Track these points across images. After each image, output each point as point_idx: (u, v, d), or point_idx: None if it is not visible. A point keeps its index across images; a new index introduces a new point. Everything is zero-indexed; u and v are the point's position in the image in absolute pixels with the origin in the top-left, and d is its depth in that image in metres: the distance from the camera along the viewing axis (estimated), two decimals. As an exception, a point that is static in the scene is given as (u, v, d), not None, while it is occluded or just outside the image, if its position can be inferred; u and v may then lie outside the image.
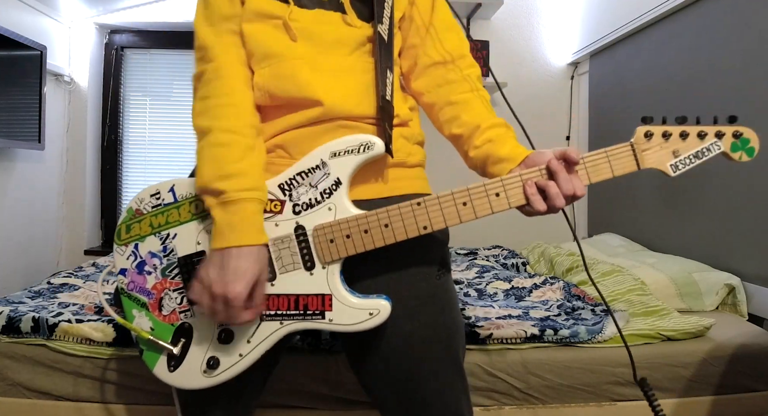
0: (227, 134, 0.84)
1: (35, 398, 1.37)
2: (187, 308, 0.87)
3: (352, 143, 0.84)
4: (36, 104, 2.40)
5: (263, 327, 0.85)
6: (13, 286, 2.31)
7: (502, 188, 0.84)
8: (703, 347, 1.44)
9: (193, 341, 0.87)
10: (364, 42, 0.92)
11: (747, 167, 1.74)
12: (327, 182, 0.85)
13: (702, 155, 0.85)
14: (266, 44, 0.89)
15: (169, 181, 0.90)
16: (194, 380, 0.86)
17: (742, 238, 1.75)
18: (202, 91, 0.88)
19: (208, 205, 0.83)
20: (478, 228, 2.96)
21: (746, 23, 1.74)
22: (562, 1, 3.01)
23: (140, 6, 2.85)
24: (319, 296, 0.84)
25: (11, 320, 1.40)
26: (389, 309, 0.84)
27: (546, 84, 3.03)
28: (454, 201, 0.83)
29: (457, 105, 0.96)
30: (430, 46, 0.98)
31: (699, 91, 1.98)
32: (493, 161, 0.90)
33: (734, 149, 0.86)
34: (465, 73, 0.98)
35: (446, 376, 0.92)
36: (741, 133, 0.85)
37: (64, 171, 2.84)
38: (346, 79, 0.90)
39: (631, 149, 0.85)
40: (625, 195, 2.51)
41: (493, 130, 0.93)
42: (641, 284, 1.74)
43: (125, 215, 0.90)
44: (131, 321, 0.89)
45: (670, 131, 0.84)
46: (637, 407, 1.40)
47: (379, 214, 0.83)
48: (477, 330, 1.42)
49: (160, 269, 0.89)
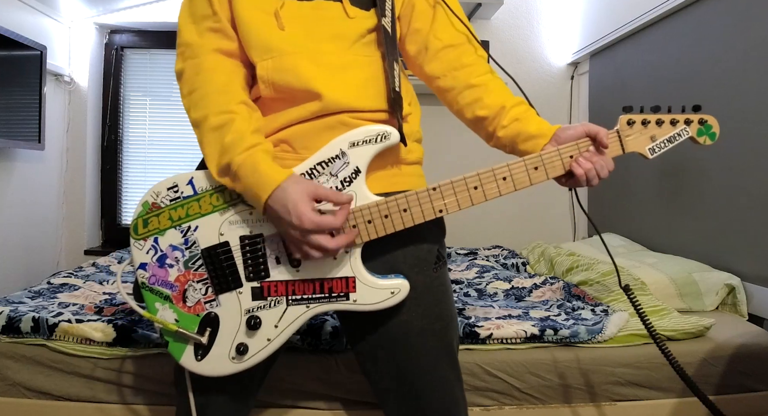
0: (221, 115, 0.86)
1: (35, 398, 1.37)
2: (213, 297, 0.90)
3: (370, 133, 0.88)
4: (36, 104, 2.40)
5: (290, 312, 0.89)
6: (13, 286, 2.31)
7: (542, 163, 0.91)
8: (703, 347, 1.44)
9: (221, 329, 0.90)
10: (363, 34, 0.93)
11: (747, 167, 1.74)
12: (347, 170, 0.88)
13: (674, 139, 0.97)
14: (264, 37, 0.90)
15: (187, 173, 0.91)
16: (223, 367, 0.89)
17: (742, 238, 1.75)
18: (186, 87, 0.91)
19: (228, 185, 0.86)
20: (478, 228, 2.97)
21: (746, 23, 1.74)
22: (562, 1, 3.01)
23: (140, 6, 2.85)
24: (344, 279, 0.89)
25: (11, 320, 1.40)
26: (408, 287, 0.89)
27: (546, 84, 3.03)
28: (467, 185, 0.89)
29: (479, 87, 0.99)
30: (440, 29, 1.00)
31: (699, 91, 1.98)
32: (524, 137, 0.95)
33: (699, 134, 0.98)
34: (477, 56, 1.01)
35: (441, 365, 0.95)
36: (705, 120, 0.98)
37: (64, 171, 2.84)
38: (346, 72, 0.91)
39: (617, 135, 0.94)
40: (625, 195, 2.51)
41: (517, 108, 0.97)
42: (641, 284, 1.74)
43: (140, 210, 0.91)
44: (155, 314, 0.91)
45: (649, 119, 0.95)
46: (637, 407, 1.40)
47: (398, 199, 0.88)
48: (477, 330, 1.42)
49: (183, 261, 0.90)
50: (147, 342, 1.37)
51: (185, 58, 0.91)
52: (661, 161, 2.18)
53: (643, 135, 0.95)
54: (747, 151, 1.74)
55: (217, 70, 0.90)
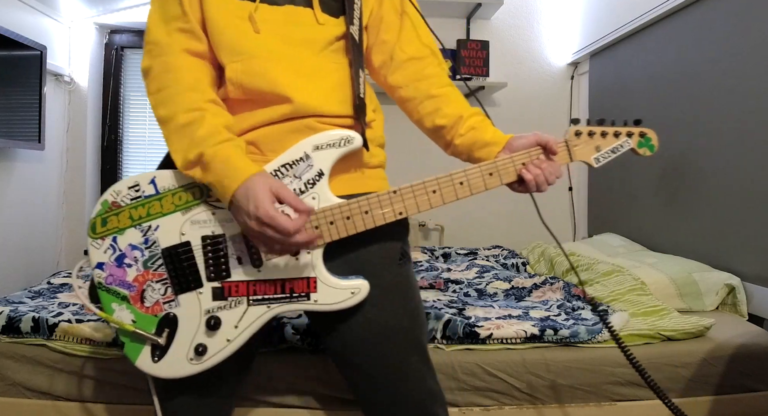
0: (190, 113, 0.87)
1: (35, 398, 1.37)
2: (172, 298, 0.89)
3: (334, 137, 0.90)
4: (36, 103, 2.40)
5: (250, 312, 0.89)
6: (13, 286, 2.31)
7: (496, 169, 0.96)
8: (703, 347, 1.44)
9: (179, 330, 0.89)
10: (332, 41, 0.96)
11: (747, 167, 1.74)
12: (310, 173, 0.90)
13: (617, 150, 1.03)
14: (235, 39, 0.91)
15: (149, 173, 0.91)
16: (181, 368, 0.89)
17: (742, 238, 1.75)
18: (153, 85, 0.91)
19: (197, 177, 0.86)
20: (478, 228, 2.97)
21: (746, 23, 1.74)
22: (562, 1, 3.01)
23: (140, 6, 2.85)
24: (305, 279, 0.90)
25: (11, 320, 1.40)
26: (368, 287, 0.91)
27: (546, 84, 3.03)
28: (426, 189, 0.93)
29: (439, 98, 1.04)
30: (405, 42, 1.05)
31: (699, 91, 1.98)
32: (480, 145, 1.01)
33: (640, 146, 1.04)
34: (440, 69, 1.07)
35: (412, 359, 0.97)
36: (645, 133, 1.04)
37: (64, 171, 2.83)
38: (315, 78, 0.93)
39: (566, 145, 1.01)
40: (625, 195, 2.51)
41: (473, 118, 1.03)
42: (641, 284, 1.74)
43: (99, 208, 0.90)
44: (111, 314, 0.89)
45: (594, 131, 1.01)
46: (637, 407, 1.40)
47: (360, 202, 0.90)
48: (477, 330, 1.42)
49: (142, 261, 0.90)
50: (147, 342, 1.37)
51: (153, 56, 0.91)
52: (661, 162, 2.18)
53: (589, 145, 1.01)
54: (747, 151, 1.74)
55: (185, 68, 0.90)
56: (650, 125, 1.05)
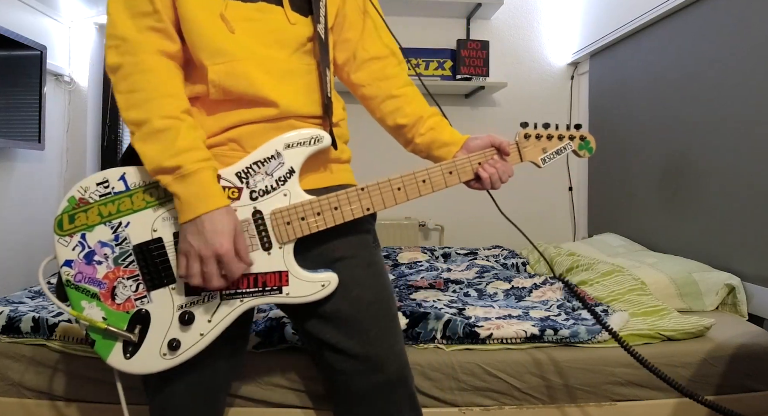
0: (166, 120, 0.86)
1: (35, 398, 1.37)
2: (144, 294, 0.89)
3: (304, 136, 0.93)
4: (36, 103, 2.40)
5: (223, 306, 0.91)
6: (13, 286, 2.31)
7: (455, 168, 1.03)
8: (703, 347, 1.44)
9: (152, 325, 0.90)
10: (304, 42, 0.97)
11: (747, 167, 1.74)
12: (282, 170, 0.92)
13: (561, 152, 1.11)
14: (214, 40, 0.90)
15: (119, 169, 0.90)
16: (153, 364, 0.90)
17: (742, 238, 1.75)
18: (124, 84, 0.87)
19: (165, 183, 0.85)
20: (478, 228, 2.97)
21: (746, 23, 1.74)
22: (562, 1, 3.01)
23: (140, 6, 2.85)
24: (277, 273, 0.92)
25: (11, 320, 1.40)
26: (337, 280, 0.95)
27: (546, 84, 3.03)
28: (391, 186, 0.98)
29: (399, 98, 1.10)
30: (368, 41, 1.09)
31: (699, 91, 1.98)
32: (439, 145, 1.08)
33: (581, 148, 1.13)
34: (400, 69, 1.11)
35: (392, 332, 1.01)
36: (585, 136, 1.13)
37: (64, 171, 2.83)
38: (293, 81, 0.96)
39: (516, 147, 1.08)
40: (625, 195, 2.51)
41: (432, 119, 1.10)
42: (641, 284, 1.74)
43: (66, 205, 0.90)
44: (81, 312, 0.89)
45: (541, 134, 1.09)
46: (637, 407, 1.40)
47: (330, 198, 0.94)
48: (477, 330, 1.42)
49: (112, 258, 0.90)
50: (147, 342, 1.37)
51: (122, 53, 0.87)
52: (661, 161, 2.18)
53: (537, 147, 1.10)
54: (747, 151, 1.74)
55: (160, 72, 0.88)
56: (650, 125, 1.06)
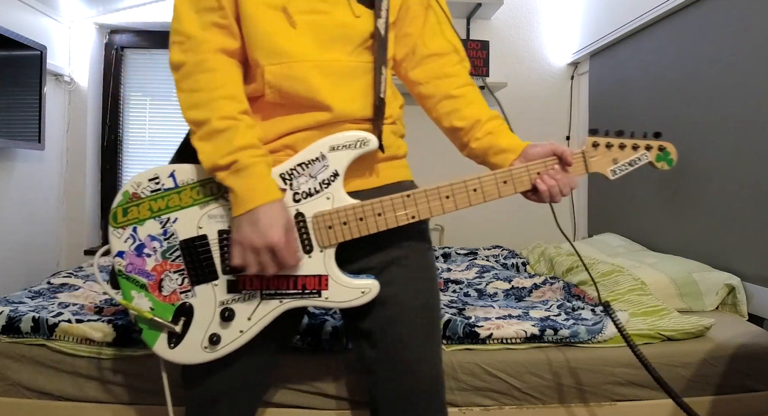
0: (226, 120, 0.86)
1: (35, 398, 1.37)
2: (188, 288, 0.92)
3: (350, 139, 0.91)
4: (36, 104, 2.40)
5: (263, 305, 0.92)
6: (13, 286, 2.31)
7: (511, 177, 0.96)
8: (703, 347, 1.44)
9: (195, 319, 0.92)
10: (366, 39, 0.94)
11: (747, 167, 1.74)
12: (326, 173, 0.91)
13: (635, 163, 1.02)
14: (273, 39, 0.89)
15: (169, 166, 0.92)
16: (195, 355, 0.92)
17: (742, 238, 1.75)
18: (187, 83, 0.88)
19: (220, 178, 0.86)
20: (478, 228, 2.97)
21: (746, 23, 1.74)
22: (562, 1, 3.01)
23: (140, 6, 2.85)
24: (317, 276, 0.92)
25: (11, 320, 1.40)
26: (378, 288, 0.93)
27: (546, 84, 3.03)
28: (439, 194, 0.94)
29: (458, 99, 1.04)
30: (428, 37, 1.03)
31: (699, 91, 1.98)
32: (496, 151, 1.01)
33: (659, 160, 1.04)
34: (461, 67, 1.05)
35: (430, 341, 0.99)
36: (664, 147, 1.03)
37: (64, 171, 2.84)
38: (350, 83, 0.93)
39: (582, 156, 1.00)
40: (625, 195, 2.51)
41: (491, 122, 1.03)
42: (641, 284, 1.74)
43: (121, 199, 0.92)
44: (130, 301, 0.92)
45: (612, 143, 1.00)
46: (637, 407, 1.40)
47: (374, 204, 0.92)
48: (477, 330, 1.42)
49: (160, 251, 0.92)
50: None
51: (185, 50, 0.87)
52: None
53: (606, 157, 1.01)
54: (747, 151, 1.74)
55: (223, 72, 0.88)
56: (650, 125, 1.05)
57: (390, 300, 0.95)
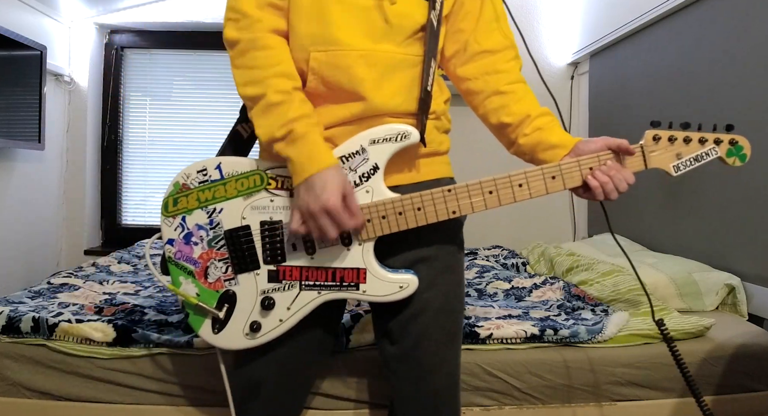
0: (280, 94, 0.88)
1: (35, 398, 1.37)
2: (232, 276, 0.96)
3: (391, 132, 0.91)
4: (36, 104, 2.40)
5: (302, 296, 0.94)
6: (13, 286, 2.31)
7: (560, 172, 0.92)
8: (703, 347, 1.44)
9: (237, 306, 0.95)
10: (417, 30, 0.93)
11: (747, 167, 1.73)
12: (366, 166, 0.92)
13: (701, 159, 0.94)
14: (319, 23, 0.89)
15: (215, 158, 0.96)
16: (237, 341, 0.96)
17: (742, 238, 1.75)
18: (243, 60, 0.90)
19: (278, 150, 0.88)
20: (478, 228, 2.96)
21: (746, 23, 1.74)
22: (562, 1, 3.01)
23: (140, 6, 2.85)
24: (355, 269, 0.93)
25: (11, 320, 1.40)
26: (417, 283, 0.93)
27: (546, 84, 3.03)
28: (482, 189, 0.92)
29: (507, 95, 1.01)
30: (481, 33, 1.01)
31: (699, 91, 1.98)
32: (545, 147, 0.97)
33: (729, 155, 0.95)
34: (515, 63, 1.04)
35: (450, 343, 0.99)
36: (737, 141, 0.94)
37: (64, 171, 2.84)
38: (395, 75, 0.92)
39: (641, 150, 0.94)
40: (625, 195, 2.49)
41: (541, 118, 0.99)
42: (641, 284, 1.74)
43: (172, 189, 0.97)
44: (178, 287, 0.97)
45: (676, 136, 0.92)
46: (637, 407, 1.40)
47: (413, 198, 0.91)
48: (477, 330, 1.42)
49: (207, 240, 0.96)
50: (147, 342, 1.37)
51: (240, 28, 0.89)
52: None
53: (669, 152, 0.93)
54: (747, 151, 1.74)
55: (278, 51, 0.90)
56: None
57: (413, 298, 0.95)
